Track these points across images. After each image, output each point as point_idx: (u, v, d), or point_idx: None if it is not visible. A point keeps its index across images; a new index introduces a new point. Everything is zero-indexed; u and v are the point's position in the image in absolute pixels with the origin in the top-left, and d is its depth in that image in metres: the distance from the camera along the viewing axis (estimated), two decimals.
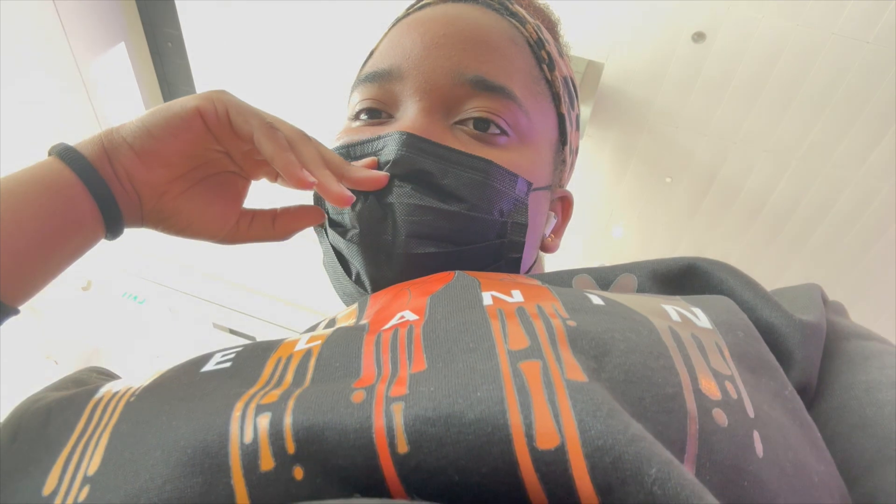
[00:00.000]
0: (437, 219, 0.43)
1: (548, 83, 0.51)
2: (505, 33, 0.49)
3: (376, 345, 0.30)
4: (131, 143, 0.41)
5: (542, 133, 0.49)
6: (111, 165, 0.41)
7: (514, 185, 0.45)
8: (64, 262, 0.41)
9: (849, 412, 0.32)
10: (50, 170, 0.39)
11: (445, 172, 0.43)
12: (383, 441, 0.22)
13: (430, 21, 0.48)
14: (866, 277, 2.61)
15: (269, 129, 0.41)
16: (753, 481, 0.24)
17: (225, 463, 0.23)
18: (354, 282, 0.46)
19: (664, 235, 2.83)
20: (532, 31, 0.50)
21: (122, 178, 0.41)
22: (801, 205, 2.46)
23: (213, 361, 0.32)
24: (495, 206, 0.44)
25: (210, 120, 0.41)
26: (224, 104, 0.41)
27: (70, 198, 0.39)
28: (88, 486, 0.25)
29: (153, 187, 0.42)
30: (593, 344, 0.27)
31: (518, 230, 0.46)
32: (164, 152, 0.41)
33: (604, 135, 2.49)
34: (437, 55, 0.46)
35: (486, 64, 0.46)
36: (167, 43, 2.73)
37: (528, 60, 0.49)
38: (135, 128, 0.41)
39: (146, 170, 0.41)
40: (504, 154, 0.46)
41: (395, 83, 0.47)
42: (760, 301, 0.36)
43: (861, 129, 2.13)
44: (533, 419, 0.22)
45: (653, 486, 0.20)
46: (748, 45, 2.02)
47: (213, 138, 0.43)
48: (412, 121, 0.45)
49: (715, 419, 0.25)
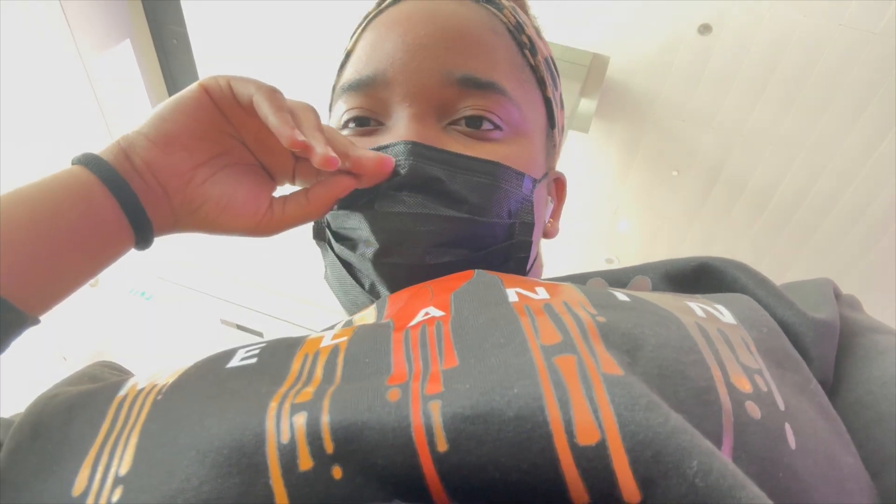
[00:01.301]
0: (451, 227, 0.43)
1: (531, 68, 0.50)
2: (485, 24, 0.48)
3: (405, 341, 0.30)
4: (146, 134, 0.41)
5: (533, 121, 0.49)
6: (130, 161, 0.41)
7: (521, 183, 0.45)
8: (89, 267, 0.40)
9: (865, 408, 0.31)
10: (69, 174, 0.39)
11: (454, 178, 0.43)
12: (422, 439, 0.23)
13: (408, 20, 0.47)
14: (874, 270, 2.59)
15: (267, 91, 0.41)
16: (788, 473, 0.24)
17: (263, 463, 0.23)
18: (369, 292, 0.46)
19: (670, 229, 2.82)
20: (510, 15, 0.49)
21: (143, 173, 0.41)
22: (808, 197, 2.44)
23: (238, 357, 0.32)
24: (504, 208, 0.44)
25: (215, 93, 0.42)
26: (225, 78, 0.42)
27: (89, 199, 0.39)
28: (122, 486, 0.25)
29: (177, 174, 0.42)
30: (625, 339, 0.27)
31: (525, 229, 0.46)
32: (178, 135, 0.41)
33: (610, 128, 2.48)
34: (422, 56, 0.45)
35: (472, 60, 0.46)
36: (172, 40, 2.73)
37: (511, 48, 0.49)
38: (147, 119, 0.41)
39: (165, 155, 0.41)
40: (501, 149, 0.45)
41: (381, 90, 0.46)
42: (774, 299, 0.36)
43: (868, 122, 2.12)
44: (572, 414, 0.22)
45: (695, 479, 0.20)
46: (755, 38, 2.01)
47: (223, 118, 0.43)
48: (407, 128, 0.44)
49: (748, 412, 0.25)
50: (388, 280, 0.44)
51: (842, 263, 2.65)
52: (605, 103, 2.39)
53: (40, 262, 0.36)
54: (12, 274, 0.35)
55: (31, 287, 0.36)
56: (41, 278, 0.37)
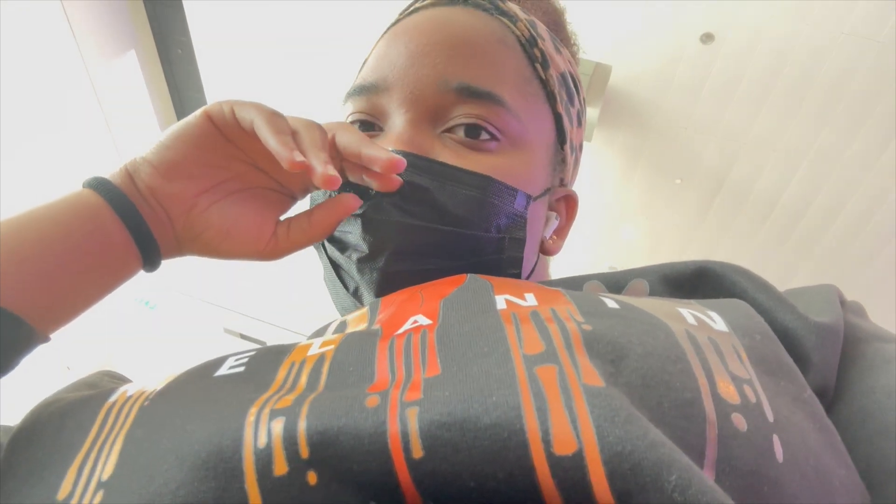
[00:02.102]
0: (435, 238, 0.43)
1: (541, 82, 0.50)
2: (493, 35, 0.48)
3: (390, 350, 0.30)
4: (150, 160, 0.42)
5: (535, 135, 0.48)
6: (135, 185, 0.41)
7: (514, 199, 0.45)
8: (97, 288, 0.40)
9: (870, 417, 0.31)
10: (78, 196, 0.40)
11: (442, 190, 0.43)
12: (398, 446, 0.22)
13: (415, 29, 0.47)
14: (878, 278, 2.58)
15: (269, 115, 0.41)
16: (774, 487, 0.24)
17: (238, 467, 0.23)
18: (352, 295, 0.46)
19: (674, 237, 2.82)
20: (524, 28, 0.49)
21: (146, 197, 0.42)
22: (812, 206, 2.44)
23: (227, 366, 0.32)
24: (492, 223, 0.44)
25: (218, 120, 0.42)
26: (229, 103, 0.42)
27: (96, 219, 0.39)
28: (102, 490, 0.25)
29: (179, 201, 0.42)
30: (610, 348, 0.27)
31: (515, 245, 0.45)
32: (181, 163, 0.42)
33: (612, 136, 2.48)
34: (422, 64, 0.45)
35: (472, 70, 0.45)
36: (177, 50, 2.74)
37: (520, 61, 0.49)
38: (152, 146, 0.42)
39: (167, 182, 0.42)
40: (496, 160, 0.45)
41: (381, 95, 0.46)
42: (775, 303, 0.36)
43: (872, 130, 2.11)
44: (550, 424, 0.22)
45: (673, 493, 0.20)
46: (757, 46, 2.01)
47: (230, 144, 0.43)
48: (398, 134, 0.44)
49: (734, 424, 0.25)
50: (370, 285, 0.44)
51: (845, 272, 2.65)
52: (608, 112, 2.40)
53: (51, 281, 0.36)
54: (24, 291, 0.35)
55: (41, 306, 0.36)
56: (51, 297, 0.37)
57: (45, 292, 0.36)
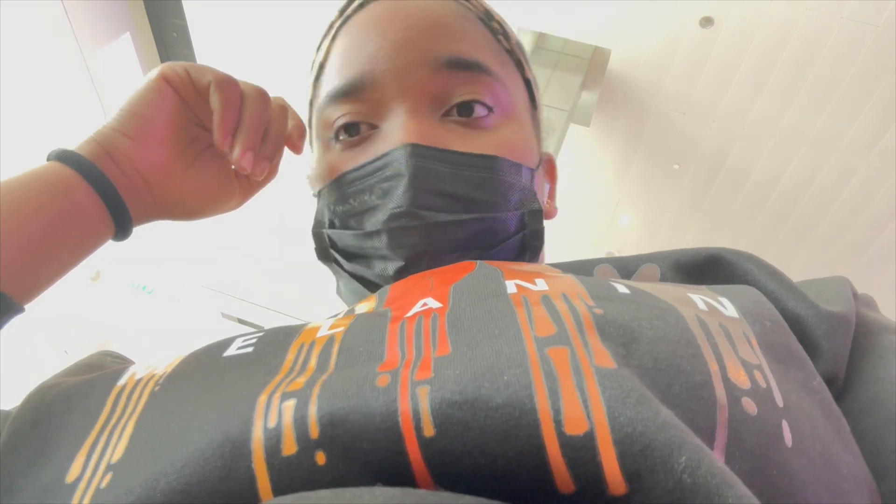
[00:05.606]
0: (467, 229, 0.42)
1: (507, 52, 0.50)
2: (457, 12, 0.48)
3: (400, 331, 0.30)
4: (122, 130, 0.42)
5: (519, 102, 0.49)
6: (109, 156, 0.42)
7: (520, 173, 0.45)
8: (71, 259, 0.41)
9: (881, 407, 0.31)
10: (48, 169, 0.40)
11: (458, 178, 0.43)
12: (409, 424, 0.22)
13: (385, 19, 0.47)
14: (876, 264, 2.59)
15: (223, 82, 0.42)
16: (782, 471, 0.24)
17: (247, 447, 0.23)
18: None
19: (672, 223, 2.82)
20: (478, 4, 0.50)
21: (124, 167, 0.42)
22: (809, 191, 2.44)
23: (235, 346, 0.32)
24: (511, 200, 0.44)
25: (174, 81, 0.43)
26: (182, 65, 0.43)
27: (69, 191, 0.40)
28: (111, 473, 0.26)
29: (157, 168, 0.43)
30: (621, 332, 0.27)
31: (535, 217, 0.45)
32: (152, 128, 0.43)
33: (611, 122, 2.48)
34: (407, 49, 0.45)
35: (455, 44, 0.45)
36: (172, 33, 2.72)
37: (486, 35, 0.49)
38: (118, 115, 0.42)
39: (144, 150, 0.42)
40: (495, 136, 0.45)
41: (370, 91, 0.45)
42: (786, 291, 0.36)
43: (870, 115, 2.11)
44: (561, 404, 0.22)
45: (682, 474, 0.20)
46: (756, 30, 2.00)
47: (185, 105, 0.44)
48: (404, 127, 0.43)
49: (744, 408, 0.25)
50: None
51: (843, 257, 2.65)
52: (607, 97, 2.39)
53: (25, 253, 0.37)
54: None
55: (16, 277, 0.37)
56: (26, 269, 0.38)
57: (20, 266, 0.37)
